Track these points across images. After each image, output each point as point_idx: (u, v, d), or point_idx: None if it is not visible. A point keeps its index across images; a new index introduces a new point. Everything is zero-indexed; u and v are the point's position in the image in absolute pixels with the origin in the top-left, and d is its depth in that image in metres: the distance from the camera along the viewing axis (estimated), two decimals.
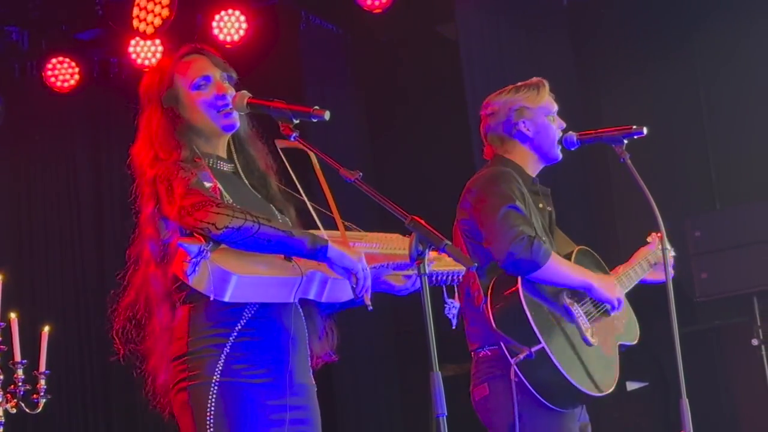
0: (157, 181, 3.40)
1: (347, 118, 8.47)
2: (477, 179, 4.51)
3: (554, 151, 4.59)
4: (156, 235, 3.44)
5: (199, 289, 3.30)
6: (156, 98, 3.58)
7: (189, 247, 3.28)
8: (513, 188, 4.39)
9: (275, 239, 3.29)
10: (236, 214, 3.26)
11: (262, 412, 3.37)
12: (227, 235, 3.25)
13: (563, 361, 4.19)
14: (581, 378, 4.23)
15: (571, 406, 4.32)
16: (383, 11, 7.80)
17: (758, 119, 7.83)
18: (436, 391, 3.13)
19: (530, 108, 4.57)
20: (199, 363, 3.37)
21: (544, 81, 4.66)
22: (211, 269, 3.28)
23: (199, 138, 3.57)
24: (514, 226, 4.26)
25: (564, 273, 4.34)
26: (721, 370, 7.85)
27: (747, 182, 7.71)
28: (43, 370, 5.77)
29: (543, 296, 4.33)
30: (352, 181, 3.36)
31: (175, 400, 3.43)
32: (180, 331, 3.42)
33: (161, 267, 3.45)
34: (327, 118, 3.42)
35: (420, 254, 3.20)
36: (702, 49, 8.21)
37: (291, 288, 3.38)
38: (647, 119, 4.56)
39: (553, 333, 4.25)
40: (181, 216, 3.31)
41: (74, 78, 8.44)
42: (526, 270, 4.26)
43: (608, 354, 4.41)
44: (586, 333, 4.36)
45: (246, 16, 8.10)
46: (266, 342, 3.42)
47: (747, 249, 6.95)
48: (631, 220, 7.79)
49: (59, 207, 8.67)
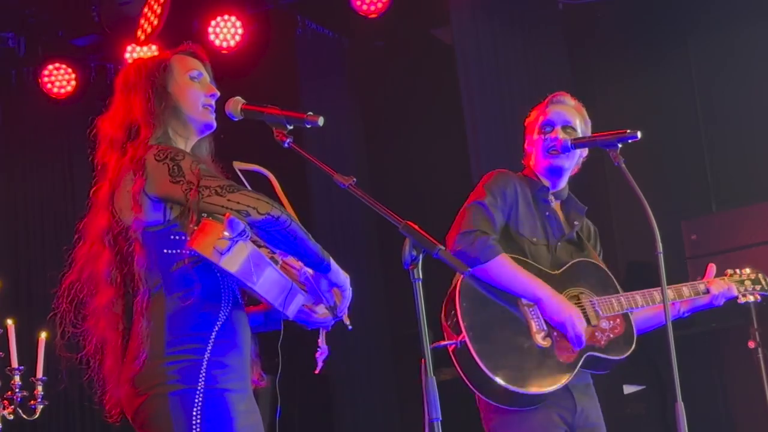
0: (152, 159, 3.33)
1: (343, 122, 8.48)
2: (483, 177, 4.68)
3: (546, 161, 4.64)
4: (141, 216, 3.37)
5: (230, 269, 3.22)
6: (147, 73, 3.55)
7: (236, 224, 3.18)
8: (496, 187, 4.52)
9: (299, 238, 3.29)
10: (274, 203, 3.25)
11: (241, 420, 3.35)
12: (266, 222, 3.22)
13: (482, 352, 4.25)
14: (500, 371, 4.25)
15: (520, 405, 4.32)
16: (379, 16, 7.81)
17: (754, 122, 7.84)
18: (430, 396, 3.14)
19: (529, 125, 4.73)
20: (176, 368, 3.31)
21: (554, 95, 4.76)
22: (250, 252, 3.23)
23: (178, 122, 3.54)
24: (469, 219, 4.41)
25: (510, 278, 4.39)
26: (717, 373, 7.85)
27: (743, 185, 7.71)
28: (41, 377, 5.77)
29: (496, 294, 4.39)
30: (346, 186, 3.37)
31: (145, 406, 3.34)
32: (154, 330, 3.34)
33: (147, 251, 3.38)
34: (321, 124, 3.42)
35: (414, 259, 3.21)
36: (697, 52, 8.22)
37: (284, 292, 3.37)
38: (643, 122, 4.59)
39: (485, 327, 4.31)
40: (202, 195, 3.24)
41: (71, 84, 8.45)
42: (467, 263, 4.32)
43: (563, 359, 4.40)
44: (536, 335, 4.39)
45: (242, 22, 8.11)
46: (237, 346, 3.41)
47: (743, 252, 6.94)
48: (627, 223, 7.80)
49: (56, 213, 8.65)
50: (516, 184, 4.59)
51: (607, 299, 4.55)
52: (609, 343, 4.50)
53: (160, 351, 3.33)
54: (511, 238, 4.53)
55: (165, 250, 3.38)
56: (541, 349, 4.38)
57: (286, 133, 3.45)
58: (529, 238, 4.56)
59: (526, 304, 4.43)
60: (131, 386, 3.37)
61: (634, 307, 4.57)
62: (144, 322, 3.36)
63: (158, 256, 3.38)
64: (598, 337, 4.48)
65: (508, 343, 4.34)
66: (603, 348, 4.48)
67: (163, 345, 3.33)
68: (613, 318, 4.54)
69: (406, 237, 3.23)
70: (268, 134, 3.48)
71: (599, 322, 4.50)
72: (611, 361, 4.50)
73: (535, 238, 4.57)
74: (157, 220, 3.37)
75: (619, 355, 4.50)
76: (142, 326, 3.36)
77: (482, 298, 4.38)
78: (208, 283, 3.36)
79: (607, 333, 4.50)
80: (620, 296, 4.58)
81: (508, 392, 4.28)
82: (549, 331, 4.41)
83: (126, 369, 3.39)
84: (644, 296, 4.59)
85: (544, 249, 4.59)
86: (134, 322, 3.40)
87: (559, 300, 4.42)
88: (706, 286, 4.79)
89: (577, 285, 4.56)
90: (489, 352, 4.27)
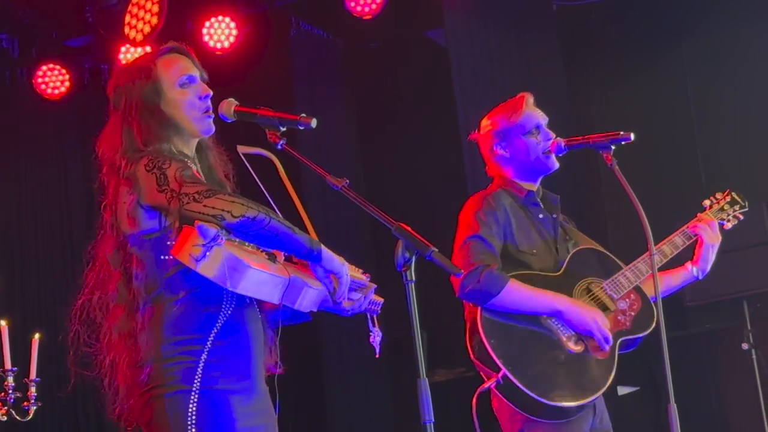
0: (142, 170, 3.33)
1: (337, 123, 8.48)
2: (468, 201, 4.64)
3: (542, 164, 4.64)
4: (135, 228, 3.39)
5: (207, 275, 3.21)
6: (137, 91, 3.52)
7: (207, 230, 3.17)
8: (486, 214, 4.50)
9: (282, 234, 3.26)
10: (250, 204, 3.22)
11: (240, 420, 3.35)
12: (242, 224, 3.20)
13: (528, 382, 4.27)
14: (553, 393, 4.28)
15: (562, 416, 4.34)
16: (373, 17, 7.81)
17: (747, 124, 7.85)
18: (423, 398, 3.14)
19: (503, 130, 4.66)
20: (175, 370, 3.32)
21: (524, 96, 4.70)
22: (225, 257, 3.21)
23: (178, 136, 3.53)
24: (470, 257, 4.41)
25: (524, 300, 4.41)
26: (711, 374, 7.86)
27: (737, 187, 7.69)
28: (34, 378, 5.77)
29: (514, 316, 4.40)
30: (338, 188, 3.37)
31: (147, 407, 3.37)
32: (151, 334, 3.36)
33: (140, 261, 3.39)
34: (314, 126, 3.42)
35: (407, 261, 3.21)
36: (691, 54, 8.23)
37: (279, 288, 3.34)
38: (637, 124, 4.59)
39: (519, 354, 4.33)
40: (182, 203, 3.23)
41: (65, 85, 8.45)
42: (481, 300, 4.37)
43: (600, 356, 4.43)
44: (567, 343, 4.41)
45: (236, 23, 8.11)
46: (239, 347, 3.40)
47: (737, 253, 6.94)
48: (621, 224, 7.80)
49: (50, 215, 8.65)
50: (503, 203, 4.58)
51: (615, 279, 4.57)
52: (633, 322, 4.54)
53: (159, 355, 3.35)
54: (512, 257, 4.53)
55: (162, 257, 3.38)
56: (577, 355, 4.41)
57: (280, 134, 3.44)
58: (529, 251, 4.56)
59: (547, 317, 4.45)
60: (138, 393, 3.40)
61: (641, 277, 4.60)
62: (146, 332, 3.38)
63: (156, 263, 3.38)
64: (621, 320, 4.52)
65: (547, 363, 4.36)
66: (630, 329, 4.52)
67: (161, 349, 3.35)
68: (627, 295, 4.57)
69: (398, 239, 3.23)
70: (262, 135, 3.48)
71: (617, 305, 4.54)
72: (641, 338, 4.55)
73: (535, 249, 4.57)
74: (153, 228, 3.38)
75: (646, 330, 4.54)
76: (145, 337, 3.38)
77: (505, 327, 4.39)
78: (207, 285, 3.36)
79: (628, 313, 4.55)
80: (625, 271, 4.60)
81: (569, 409, 4.31)
82: (577, 334, 4.44)
83: (133, 379, 3.41)
84: (645, 261, 4.60)
85: (546, 254, 4.60)
86: (139, 334, 3.41)
87: (578, 307, 4.45)
88: (691, 231, 4.78)
89: (584, 276, 4.58)
90: (534, 380, 4.29)
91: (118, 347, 3.46)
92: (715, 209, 4.94)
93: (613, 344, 4.44)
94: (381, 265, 8.34)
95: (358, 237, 8.38)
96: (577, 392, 4.33)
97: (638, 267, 4.61)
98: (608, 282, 4.57)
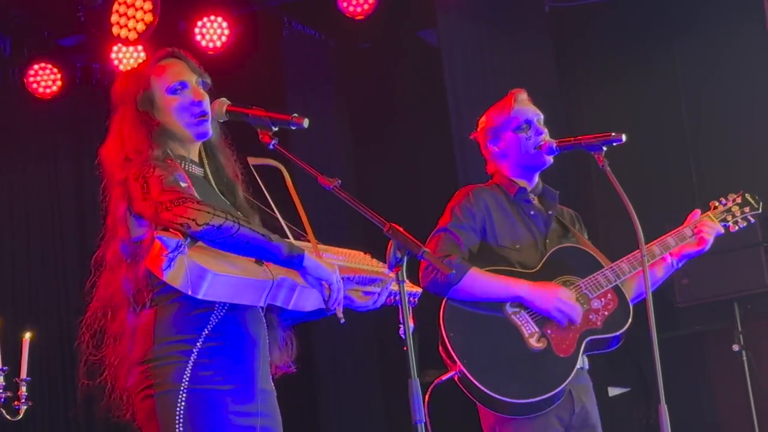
0: (131, 179, 3.36)
1: (329, 124, 8.47)
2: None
3: (534, 160, 4.65)
4: (127, 235, 3.41)
5: (174, 284, 3.25)
6: (131, 100, 3.54)
7: (167, 241, 3.21)
8: (460, 207, 4.54)
9: (253, 242, 3.26)
10: (217, 212, 3.22)
11: (231, 419, 3.35)
12: (206, 233, 3.21)
13: (482, 377, 4.30)
14: (504, 389, 4.30)
15: (525, 413, 4.35)
16: (365, 17, 7.82)
17: (739, 125, 7.86)
18: (414, 398, 3.14)
19: (495, 127, 4.69)
20: (165, 370, 3.34)
21: (514, 93, 4.72)
22: (187, 265, 3.23)
23: (174, 141, 3.55)
24: (434, 249, 4.43)
25: (486, 287, 4.43)
26: (702, 376, 7.87)
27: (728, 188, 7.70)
28: (25, 377, 5.76)
29: (479, 309, 4.43)
30: (330, 188, 3.37)
31: (141, 407, 3.40)
32: (145, 336, 3.39)
33: (132, 267, 3.42)
34: (306, 126, 3.42)
35: (398, 262, 3.21)
36: (683, 54, 8.24)
37: (262, 291, 3.35)
38: (629, 125, 4.60)
39: (478, 350, 4.36)
40: (157, 212, 3.26)
41: (56, 84, 8.42)
42: (443, 289, 4.41)
43: (563, 354, 4.42)
44: (529, 340, 4.42)
45: (228, 23, 8.11)
46: (232, 348, 3.41)
47: (728, 255, 6.95)
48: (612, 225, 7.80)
49: (41, 214, 8.63)
50: (485, 197, 4.59)
51: (593, 278, 4.55)
52: (605, 321, 4.52)
53: (151, 355, 3.37)
54: (492, 252, 4.55)
55: None
56: (538, 352, 4.41)
57: (271, 134, 3.44)
58: (512, 246, 4.56)
59: (512, 312, 4.45)
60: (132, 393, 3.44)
61: (622, 277, 4.57)
62: (140, 334, 3.40)
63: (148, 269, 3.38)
64: (592, 319, 4.50)
65: (505, 358, 4.37)
66: (600, 328, 4.50)
67: (153, 349, 3.37)
68: (603, 295, 4.55)
69: (390, 239, 3.23)
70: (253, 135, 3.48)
71: (590, 304, 4.52)
72: (613, 337, 4.52)
73: (519, 244, 4.57)
74: (144, 235, 3.40)
75: (618, 330, 4.51)
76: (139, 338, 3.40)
77: (467, 321, 4.41)
78: None
79: (601, 312, 4.52)
80: (605, 270, 4.57)
81: (520, 405, 4.32)
82: (541, 331, 4.43)
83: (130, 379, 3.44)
84: (630, 261, 4.59)
85: (531, 249, 4.59)
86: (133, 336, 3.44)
87: (538, 287, 4.45)
88: (692, 231, 4.75)
89: (561, 273, 4.57)
90: (488, 375, 4.32)
91: (117, 351, 3.48)
92: (720, 210, 4.89)
93: (579, 338, 4.44)
94: None
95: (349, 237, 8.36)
96: (528, 389, 4.33)
97: (621, 267, 4.59)
98: (585, 280, 4.55)
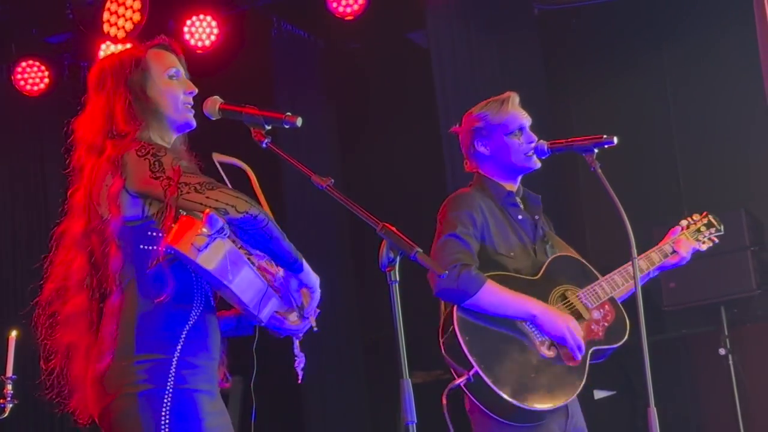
0: (134, 156, 3.32)
1: (318, 124, 8.47)
2: (446, 201, 4.63)
3: (523, 165, 4.65)
4: (119, 214, 3.35)
5: (207, 266, 3.18)
6: (123, 78, 3.51)
7: (216, 221, 3.15)
8: (464, 214, 4.50)
9: (275, 238, 3.28)
10: (253, 202, 3.23)
11: (208, 419, 3.32)
12: (244, 221, 3.20)
13: (499, 382, 4.27)
14: (522, 395, 4.29)
15: (530, 420, 4.35)
16: (355, 18, 7.82)
17: (726, 129, 7.88)
18: (405, 399, 3.14)
19: (486, 128, 4.65)
20: (147, 367, 3.28)
21: (510, 96, 4.70)
22: (228, 249, 3.19)
23: (158, 124, 3.52)
24: (447, 255, 4.41)
25: (500, 303, 4.41)
26: (688, 379, 7.88)
27: (715, 192, 7.75)
28: (10, 375, 5.74)
29: (489, 318, 4.40)
30: (323, 188, 3.36)
31: (114, 405, 3.30)
32: (119, 325, 3.32)
33: (122, 249, 3.36)
34: (299, 125, 3.41)
35: (391, 261, 3.21)
36: (671, 59, 8.27)
37: (259, 294, 3.34)
38: (617, 128, 4.58)
39: (493, 354, 4.33)
40: (181, 192, 3.23)
41: (44, 82, 8.41)
42: (457, 299, 4.38)
43: (572, 363, 4.43)
44: (540, 347, 4.42)
45: (217, 22, 8.10)
46: (206, 348, 3.38)
47: (715, 259, 6.96)
48: (600, 228, 7.82)
49: (27, 212, 8.60)
50: (480, 204, 4.57)
51: (592, 289, 4.58)
52: (606, 332, 4.55)
53: (130, 351, 3.30)
54: (489, 258, 4.53)
55: (141, 246, 3.35)
56: (550, 360, 4.41)
57: (264, 133, 3.44)
58: (506, 254, 4.56)
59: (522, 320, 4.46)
60: (99, 386, 3.34)
61: (616, 289, 4.61)
62: (114, 323, 3.33)
63: (134, 252, 3.35)
64: (595, 329, 4.53)
65: (519, 365, 4.36)
66: (603, 339, 4.53)
67: (132, 344, 3.30)
68: (602, 306, 4.58)
69: (383, 239, 3.22)
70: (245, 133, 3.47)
71: (591, 315, 4.54)
72: (612, 349, 4.56)
73: (512, 252, 4.57)
74: (135, 215, 3.35)
75: (618, 341, 4.56)
76: (112, 327, 3.33)
77: (480, 327, 4.39)
78: (182, 282, 3.34)
79: (601, 323, 4.55)
80: (601, 282, 4.61)
81: (537, 412, 4.32)
82: (551, 340, 4.44)
83: (92, 370, 3.36)
84: (621, 274, 4.63)
85: (524, 257, 4.60)
86: (103, 324, 3.37)
87: (552, 313, 4.45)
88: (672, 247, 4.87)
89: (561, 283, 4.58)
90: (504, 379, 4.30)
91: (78, 336, 3.42)
92: (692, 230, 5.01)
93: (585, 353, 4.45)
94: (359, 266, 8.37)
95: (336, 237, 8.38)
96: (547, 396, 4.34)
97: (614, 279, 4.63)
98: (584, 291, 4.58)
